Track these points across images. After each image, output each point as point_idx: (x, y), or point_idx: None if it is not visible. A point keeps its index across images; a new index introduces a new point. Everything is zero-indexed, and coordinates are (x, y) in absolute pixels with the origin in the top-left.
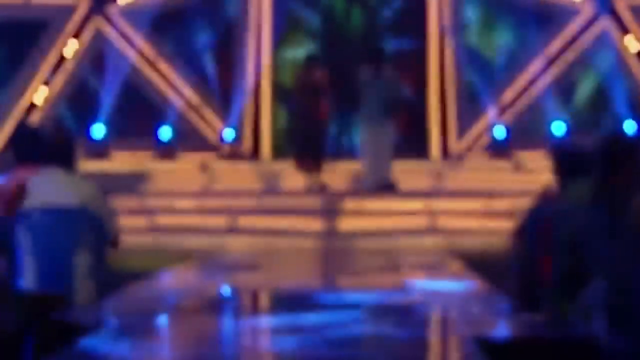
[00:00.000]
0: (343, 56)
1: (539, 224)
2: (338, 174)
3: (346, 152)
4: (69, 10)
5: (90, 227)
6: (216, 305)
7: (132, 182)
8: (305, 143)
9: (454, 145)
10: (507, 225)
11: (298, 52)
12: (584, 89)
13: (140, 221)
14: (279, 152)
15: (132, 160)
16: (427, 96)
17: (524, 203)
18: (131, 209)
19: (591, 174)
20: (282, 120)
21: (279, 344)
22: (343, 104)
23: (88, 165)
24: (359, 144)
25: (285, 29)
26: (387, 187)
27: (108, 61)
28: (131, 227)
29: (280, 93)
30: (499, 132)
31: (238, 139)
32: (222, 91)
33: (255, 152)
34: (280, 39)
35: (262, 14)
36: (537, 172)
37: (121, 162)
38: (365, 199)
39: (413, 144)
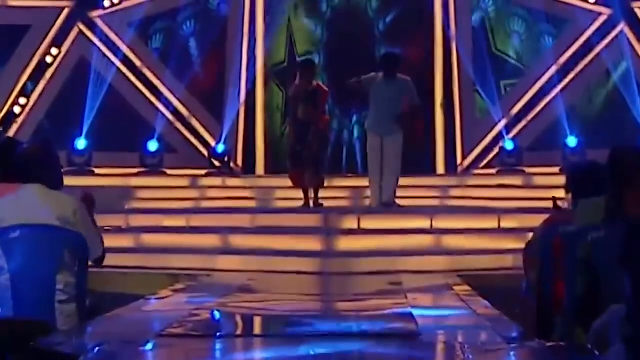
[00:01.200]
0: (343, 64)
1: (551, 244)
2: (338, 190)
3: (347, 167)
4: (51, 15)
5: (71, 247)
6: (206, 331)
7: (116, 199)
8: (303, 158)
9: (461, 160)
10: (517, 245)
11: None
12: (600, 100)
13: (125, 241)
14: (273, 167)
15: (117, 176)
16: (432, 108)
17: (535, 222)
18: (115, 227)
19: (605, 190)
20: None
21: None
22: (345, 114)
23: (69, 180)
24: (358, 158)
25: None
26: (389, 205)
27: (91, 69)
28: (116, 247)
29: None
30: (509, 146)
31: (230, 153)
32: (213, 102)
33: (248, 167)
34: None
35: (257, 20)
36: (548, 189)
37: (105, 177)
38: (367, 217)
39: (418, 158)
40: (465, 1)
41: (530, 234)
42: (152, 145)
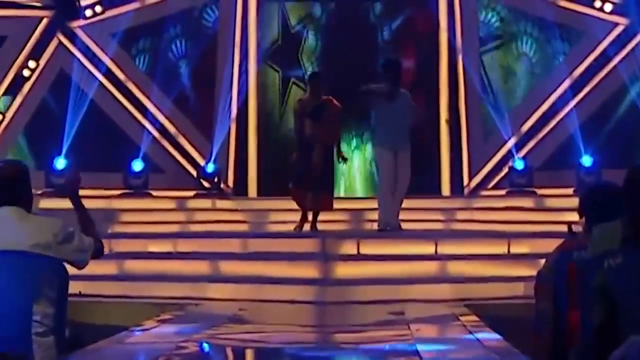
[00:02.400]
0: (343, 76)
1: (565, 271)
2: (336, 213)
3: (345, 189)
4: (28, 26)
5: (50, 275)
6: None
7: (98, 223)
8: (305, 177)
9: (468, 180)
10: (528, 272)
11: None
12: (616, 116)
13: (107, 267)
14: (267, 187)
15: (99, 198)
16: (437, 125)
17: (548, 247)
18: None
19: (622, 213)
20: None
21: None
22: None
23: (48, 203)
24: (357, 180)
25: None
26: (393, 229)
27: (72, 83)
28: (98, 274)
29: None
30: (519, 165)
31: (220, 173)
32: (202, 118)
33: (240, 188)
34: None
35: (249, 28)
36: (561, 212)
37: (86, 199)
38: (367, 241)
39: (421, 179)
40: (472, 11)
41: (542, 260)
42: (137, 165)
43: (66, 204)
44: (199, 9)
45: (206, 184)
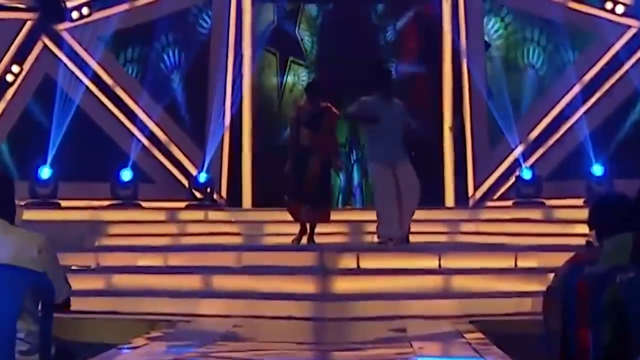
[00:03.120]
0: (341, 83)
1: (574, 287)
2: (334, 225)
3: (344, 199)
4: (11, 28)
5: (34, 290)
6: None
7: (85, 236)
8: (301, 189)
9: (473, 191)
10: (536, 287)
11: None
12: (628, 123)
13: (94, 282)
14: (262, 198)
15: (86, 209)
16: (440, 132)
17: (556, 261)
18: (84, 267)
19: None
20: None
21: None
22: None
23: (32, 214)
24: (357, 189)
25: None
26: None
27: (57, 88)
28: (84, 289)
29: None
30: (526, 175)
31: (213, 182)
32: (194, 125)
33: (234, 199)
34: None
35: (243, 31)
36: (571, 224)
37: (72, 210)
38: (367, 255)
39: (424, 189)
40: (477, 12)
41: (551, 275)
42: (126, 175)
43: (50, 215)
44: (194, 13)
45: (198, 195)
